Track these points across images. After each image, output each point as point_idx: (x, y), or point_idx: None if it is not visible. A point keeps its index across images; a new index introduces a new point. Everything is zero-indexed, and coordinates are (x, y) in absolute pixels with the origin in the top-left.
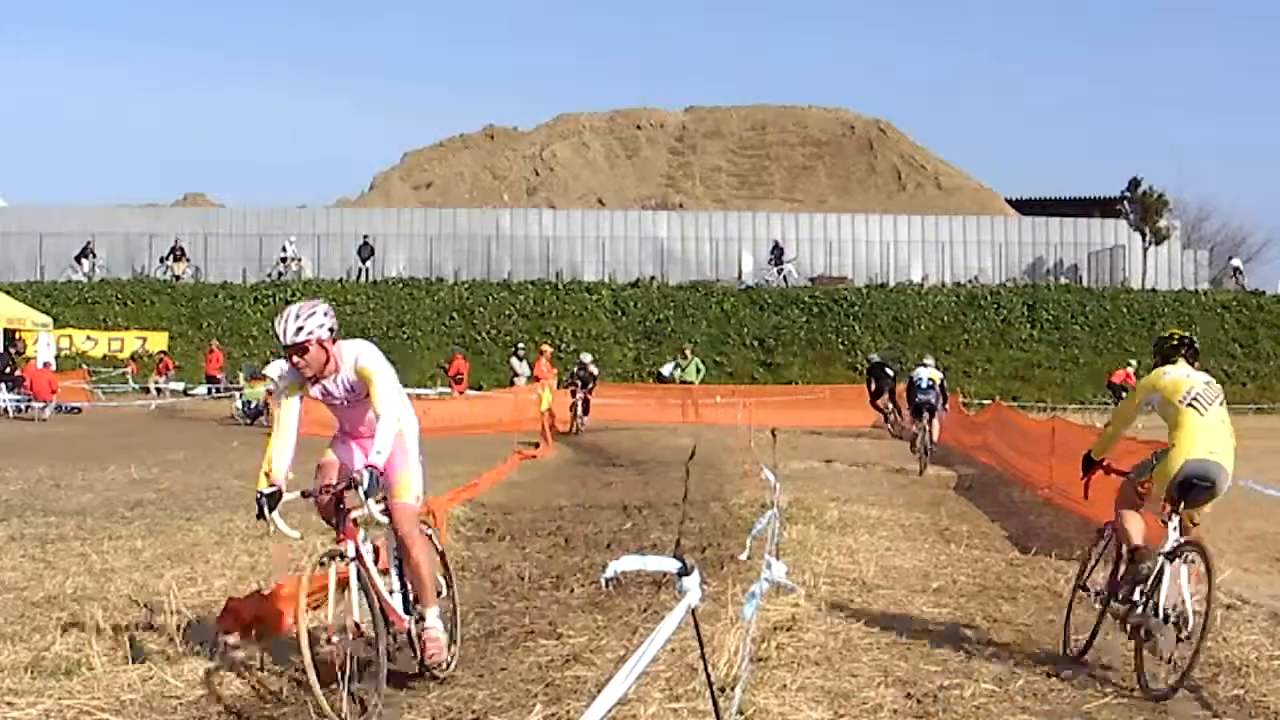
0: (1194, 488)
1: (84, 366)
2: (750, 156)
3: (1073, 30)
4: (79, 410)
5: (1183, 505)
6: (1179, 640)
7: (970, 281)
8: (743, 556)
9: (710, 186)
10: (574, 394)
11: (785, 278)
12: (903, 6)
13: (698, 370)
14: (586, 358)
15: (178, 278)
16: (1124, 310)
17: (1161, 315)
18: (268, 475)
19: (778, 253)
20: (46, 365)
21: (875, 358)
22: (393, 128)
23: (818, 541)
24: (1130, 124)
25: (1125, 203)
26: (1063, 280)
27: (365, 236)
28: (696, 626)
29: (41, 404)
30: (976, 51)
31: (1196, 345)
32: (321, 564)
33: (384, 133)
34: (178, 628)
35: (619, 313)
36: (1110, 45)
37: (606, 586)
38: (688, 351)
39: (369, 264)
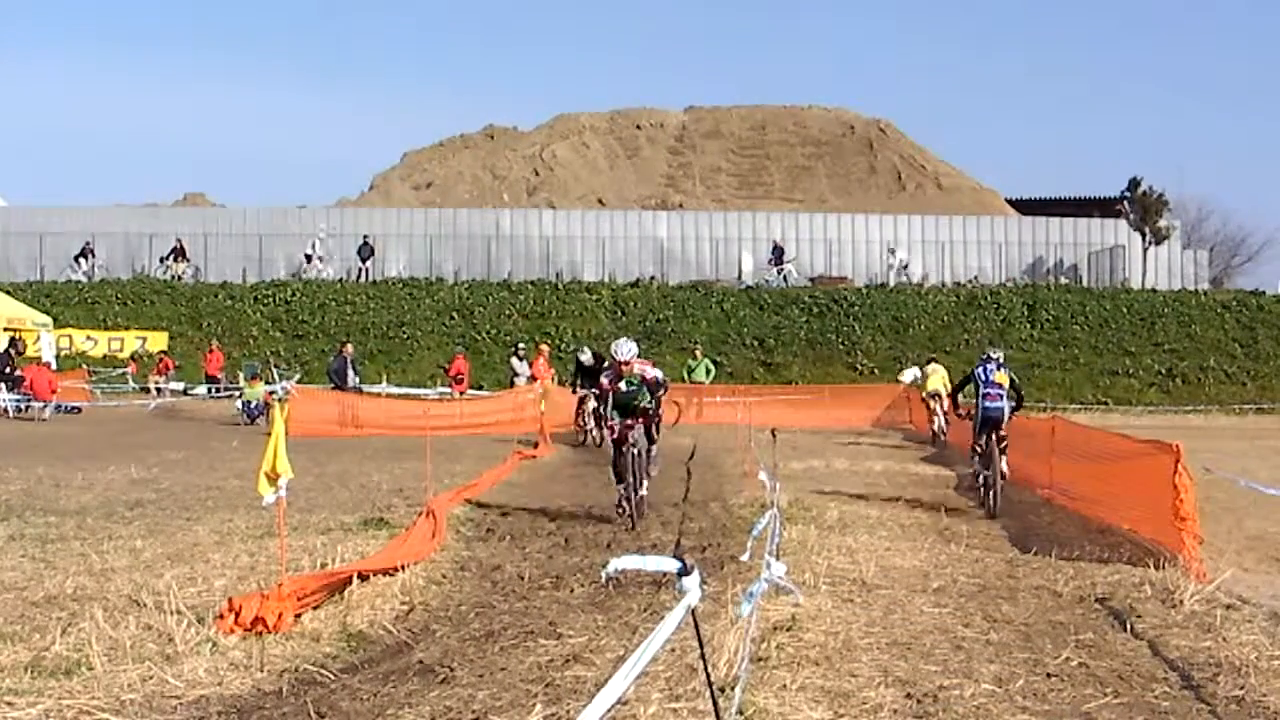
0: (936, 396)
1: (84, 366)
2: (750, 156)
3: (1072, 30)
4: (79, 410)
5: (930, 400)
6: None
7: (970, 281)
8: (744, 557)
9: (710, 186)
10: (617, 424)
11: (785, 278)
12: (903, 6)
13: (708, 371)
14: (628, 348)
15: (178, 278)
16: (1124, 310)
17: (1161, 315)
18: None
19: (778, 253)
20: (47, 365)
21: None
22: (393, 128)
23: (817, 541)
24: (1130, 124)
25: (1125, 203)
26: (1062, 280)
27: (365, 236)
28: (696, 626)
29: (41, 404)
30: (976, 51)
31: (935, 359)
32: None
33: (384, 133)
34: (177, 628)
35: (619, 313)
36: (1110, 45)
37: (606, 586)
38: (698, 353)
39: (369, 264)
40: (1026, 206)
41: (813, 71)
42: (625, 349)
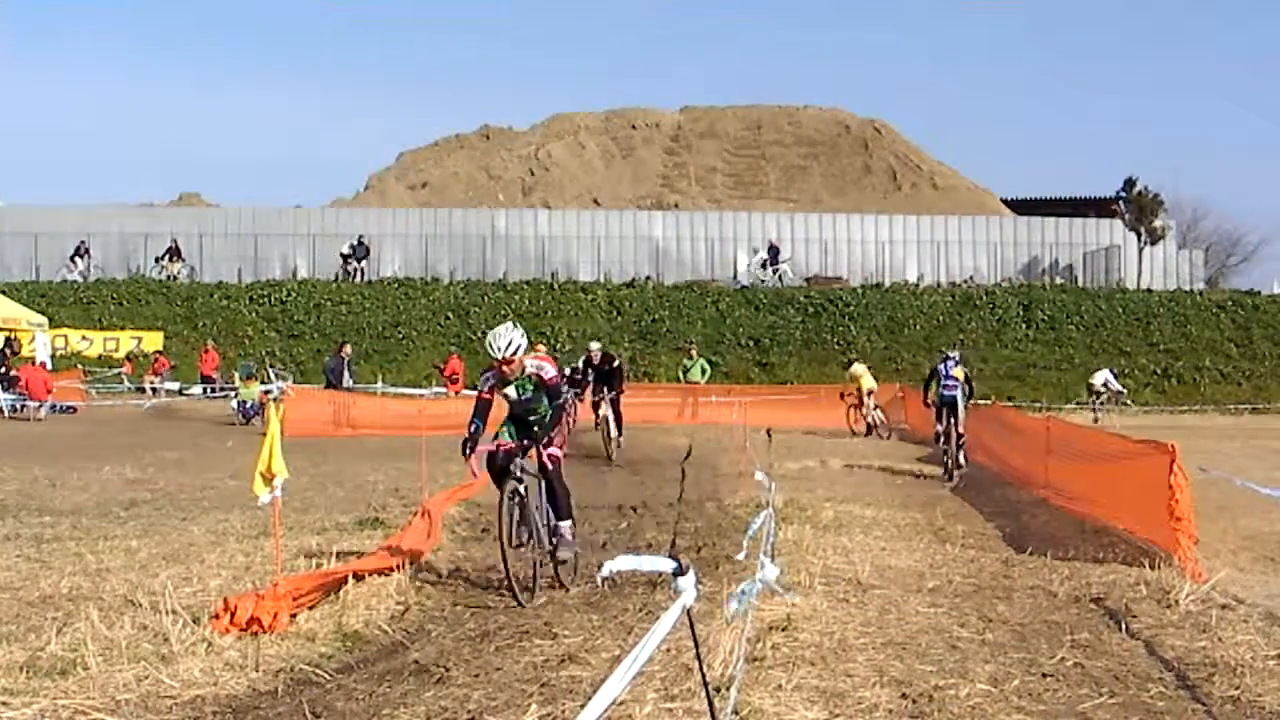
0: (872, 393)
1: (79, 366)
2: (745, 156)
3: (1068, 30)
4: (74, 410)
5: (866, 396)
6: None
7: (965, 281)
8: (739, 557)
9: (705, 186)
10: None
11: (780, 278)
12: (898, 6)
13: (703, 370)
14: (506, 340)
15: (173, 277)
16: (1119, 310)
17: (1156, 315)
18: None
19: (773, 253)
20: (42, 365)
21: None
22: (388, 128)
23: (813, 541)
24: (1126, 124)
25: (1120, 203)
26: (1058, 280)
27: (360, 236)
28: (692, 626)
29: (37, 404)
30: (972, 51)
31: (855, 359)
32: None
33: (379, 133)
34: (173, 628)
35: (614, 313)
36: (1106, 45)
37: (602, 586)
38: (693, 352)
39: (364, 264)
40: (1022, 206)
41: (808, 71)
42: (502, 341)
